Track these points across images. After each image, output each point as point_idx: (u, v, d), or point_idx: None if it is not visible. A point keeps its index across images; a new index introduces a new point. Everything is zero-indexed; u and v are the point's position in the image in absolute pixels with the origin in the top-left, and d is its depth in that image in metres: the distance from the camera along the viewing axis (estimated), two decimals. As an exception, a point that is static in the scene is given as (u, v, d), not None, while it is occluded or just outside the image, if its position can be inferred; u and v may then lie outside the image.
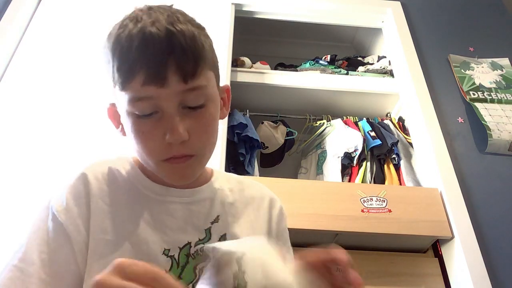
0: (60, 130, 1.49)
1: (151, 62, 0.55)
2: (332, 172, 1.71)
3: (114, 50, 0.58)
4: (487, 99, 1.73)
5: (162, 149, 0.58)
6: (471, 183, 1.51)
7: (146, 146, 0.59)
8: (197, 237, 0.65)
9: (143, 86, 0.56)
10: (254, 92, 1.91)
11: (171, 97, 0.57)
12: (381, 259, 1.39)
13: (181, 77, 0.56)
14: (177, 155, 0.59)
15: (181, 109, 0.58)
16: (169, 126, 0.57)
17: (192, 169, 0.62)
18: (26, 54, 1.67)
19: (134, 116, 0.58)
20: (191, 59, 0.57)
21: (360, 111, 2.01)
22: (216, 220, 0.68)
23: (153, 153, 0.59)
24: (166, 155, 0.59)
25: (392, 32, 1.97)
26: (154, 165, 0.61)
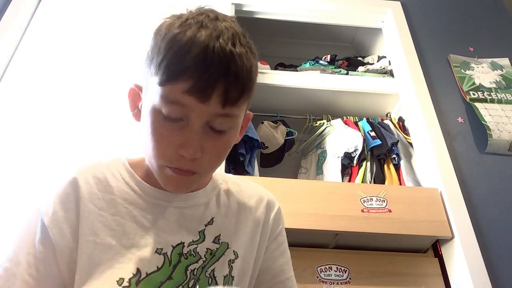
0: (59, 130, 1.49)
1: (203, 75, 0.54)
2: (332, 172, 1.71)
3: (170, 45, 0.56)
4: (487, 99, 1.73)
5: (172, 157, 0.58)
6: (471, 183, 1.51)
7: (159, 148, 0.59)
8: (191, 239, 0.65)
9: (184, 93, 0.55)
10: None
11: (204, 114, 0.57)
12: (381, 259, 1.39)
13: (222, 101, 0.56)
14: (183, 168, 0.59)
15: (206, 127, 0.58)
16: (188, 140, 0.57)
17: (190, 184, 0.63)
18: (26, 54, 1.67)
19: (159, 115, 0.58)
20: (240, 89, 0.57)
21: (360, 111, 2.01)
22: (210, 222, 0.68)
23: (162, 157, 0.59)
24: (173, 164, 0.59)
25: (392, 32, 1.97)
26: (157, 167, 0.61)
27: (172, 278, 0.61)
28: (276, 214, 0.76)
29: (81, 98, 1.57)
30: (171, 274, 0.61)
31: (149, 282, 0.59)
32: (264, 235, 0.73)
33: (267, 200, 0.76)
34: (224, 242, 0.67)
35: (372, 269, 1.36)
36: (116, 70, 1.65)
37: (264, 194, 0.77)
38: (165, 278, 0.60)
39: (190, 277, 0.62)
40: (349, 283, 1.32)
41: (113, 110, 1.53)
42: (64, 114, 1.53)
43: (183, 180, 0.61)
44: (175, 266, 0.61)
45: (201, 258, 0.64)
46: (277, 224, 0.75)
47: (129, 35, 1.74)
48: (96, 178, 0.65)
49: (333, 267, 1.34)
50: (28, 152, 1.43)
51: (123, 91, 0.71)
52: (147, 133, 0.60)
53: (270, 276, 0.71)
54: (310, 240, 1.37)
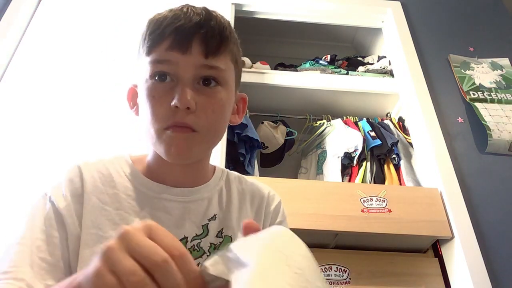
0: (60, 130, 1.49)
1: (180, 31, 0.61)
2: (332, 172, 1.71)
3: (149, 23, 0.64)
4: (487, 99, 1.73)
5: (167, 114, 0.60)
6: (471, 183, 1.51)
7: (153, 110, 0.61)
8: (194, 233, 0.65)
9: (167, 51, 0.61)
10: (254, 92, 1.90)
11: (189, 66, 0.61)
12: (381, 259, 1.39)
13: (203, 51, 0.61)
14: (179, 121, 0.60)
15: (196, 84, 0.61)
16: (179, 92, 0.59)
17: (191, 145, 0.61)
18: (26, 54, 1.67)
19: (151, 81, 0.62)
20: (217, 39, 0.62)
21: (360, 111, 2.00)
22: (213, 218, 0.68)
23: (158, 118, 0.60)
24: (169, 121, 0.60)
25: (392, 32, 1.97)
26: (156, 134, 0.61)
27: None
28: (276, 206, 0.76)
29: (81, 98, 1.57)
30: None
31: None
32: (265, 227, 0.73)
33: (268, 194, 0.77)
34: (228, 236, 0.67)
35: (372, 269, 1.36)
36: (116, 70, 1.65)
37: (264, 190, 0.78)
38: None
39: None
40: (349, 283, 1.32)
41: (113, 110, 1.53)
42: (64, 114, 1.53)
43: (183, 140, 0.60)
44: None
45: (205, 253, 0.64)
46: (276, 216, 0.76)
47: (129, 35, 1.74)
48: (100, 173, 0.66)
49: (333, 267, 1.34)
50: (28, 152, 1.43)
51: (123, 91, 0.72)
52: (144, 103, 0.63)
53: None
54: (310, 240, 1.36)
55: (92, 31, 1.76)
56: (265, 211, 0.74)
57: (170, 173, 0.68)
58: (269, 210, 0.75)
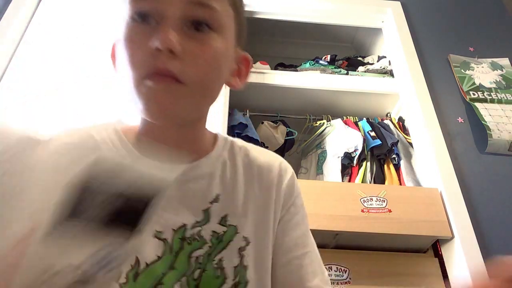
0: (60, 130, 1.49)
1: None
2: (332, 172, 1.71)
3: None
4: (487, 99, 1.73)
5: (147, 59, 0.49)
6: (471, 183, 1.51)
7: (130, 55, 0.50)
8: (194, 219, 0.56)
9: None
10: (254, 92, 1.91)
11: (176, 3, 0.50)
12: (381, 259, 1.39)
13: None
14: (160, 68, 0.49)
15: (185, 27, 0.51)
16: (161, 31, 0.49)
17: (175, 100, 0.51)
18: (26, 54, 1.67)
19: (129, 22, 0.51)
20: None
21: (360, 111, 2.01)
22: (216, 199, 0.58)
23: (136, 64, 0.50)
24: (148, 67, 0.49)
25: (392, 32, 1.97)
26: (134, 86, 0.50)
27: (174, 267, 0.52)
28: (289, 181, 0.65)
29: (81, 98, 1.57)
30: (173, 263, 0.53)
31: (149, 274, 0.51)
32: (277, 208, 0.63)
33: (279, 165, 0.66)
34: (232, 226, 0.57)
35: (372, 269, 1.36)
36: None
37: (275, 161, 0.67)
38: (166, 268, 0.52)
39: (194, 265, 0.53)
40: (349, 283, 1.32)
41: (113, 109, 1.53)
42: (64, 114, 1.53)
43: (165, 92, 0.50)
44: (177, 253, 0.53)
45: (207, 243, 0.55)
46: (290, 192, 0.65)
47: None
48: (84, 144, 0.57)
49: (333, 267, 1.34)
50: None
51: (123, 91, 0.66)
52: (121, 50, 0.52)
53: (282, 252, 0.61)
54: (310, 240, 1.37)
55: (92, 31, 1.76)
56: (276, 189, 0.63)
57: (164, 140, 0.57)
58: (281, 188, 0.64)
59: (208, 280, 0.53)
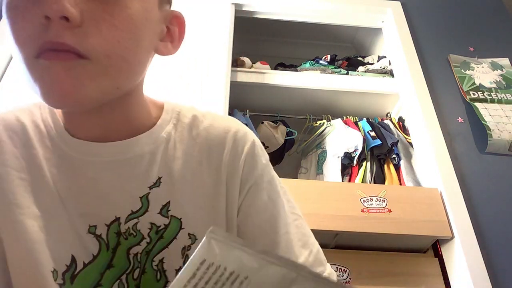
0: None
1: None
2: (332, 172, 1.71)
3: None
4: (487, 99, 1.73)
5: (36, 32, 0.38)
6: (471, 183, 1.51)
7: (16, 29, 0.39)
8: (129, 209, 0.48)
9: None
10: (254, 92, 1.91)
11: None
12: (381, 259, 1.39)
13: None
14: (53, 41, 0.38)
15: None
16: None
17: (79, 80, 0.40)
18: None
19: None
20: None
21: (360, 111, 2.01)
22: (157, 183, 0.49)
23: (23, 39, 0.39)
24: (38, 41, 0.38)
25: (392, 32, 1.97)
26: (27, 68, 0.40)
27: (113, 265, 0.47)
28: (247, 155, 0.53)
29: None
30: (111, 260, 0.47)
31: (86, 276, 0.46)
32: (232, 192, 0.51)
33: (234, 135, 0.53)
34: (175, 218, 0.49)
35: (372, 269, 1.36)
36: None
37: (229, 127, 0.54)
38: (104, 267, 0.47)
39: (134, 263, 0.47)
40: (349, 283, 1.32)
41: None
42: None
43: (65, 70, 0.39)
44: (115, 250, 0.47)
45: (144, 238, 0.48)
46: (249, 169, 0.53)
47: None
48: (11, 130, 0.49)
49: (333, 267, 1.34)
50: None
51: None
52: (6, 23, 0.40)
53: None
54: (310, 240, 1.37)
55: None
56: (228, 169, 0.51)
57: (85, 128, 0.49)
58: (236, 165, 0.52)
59: (148, 282, 0.47)
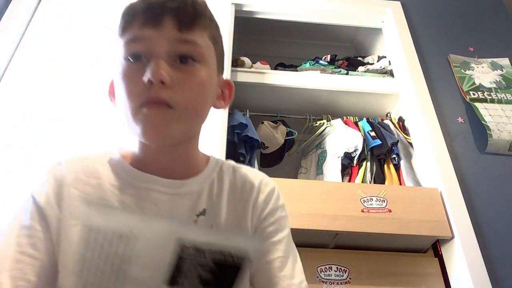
0: (59, 130, 1.49)
1: (151, 7, 0.59)
2: (332, 172, 1.71)
3: (124, 7, 0.63)
4: (487, 99, 1.73)
5: (141, 91, 0.57)
6: (471, 183, 1.51)
7: (127, 90, 0.59)
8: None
9: (140, 28, 0.59)
10: (254, 92, 1.91)
11: (163, 42, 0.58)
12: (381, 259, 1.39)
13: (176, 24, 0.59)
14: (154, 97, 0.57)
15: (172, 61, 0.59)
16: (152, 66, 0.57)
17: (167, 123, 0.58)
18: (26, 54, 1.67)
19: (125, 62, 0.60)
20: (190, 12, 0.60)
21: (360, 111, 2.00)
22: (203, 213, 0.64)
23: (132, 97, 0.58)
24: (143, 97, 0.57)
25: (392, 32, 1.97)
26: (131, 115, 0.58)
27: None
28: (267, 195, 0.71)
29: (81, 98, 1.57)
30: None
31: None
32: (254, 216, 0.69)
33: (260, 181, 0.72)
34: None
35: (372, 269, 1.36)
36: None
37: (256, 178, 0.73)
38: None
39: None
40: (349, 283, 1.32)
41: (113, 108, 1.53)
42: (64, 114, 1.53)
43: (159, 116, 0.57)
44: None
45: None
46: (266, 204, 0.70)
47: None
48: (84, 165, 0.65)
49: (333, 267, 1.34)
50: (27, 152, 1.43)
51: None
52: (118, 86, 0.60)
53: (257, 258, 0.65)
54: (310, 240, 1.37)
55: (92, 30, 1.76)
56: (253, 204, 0.69)
57: (157, 162, 0.65)
58: (258, 202, 0.70)
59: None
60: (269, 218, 0.70)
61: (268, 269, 0.65)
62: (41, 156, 1.42)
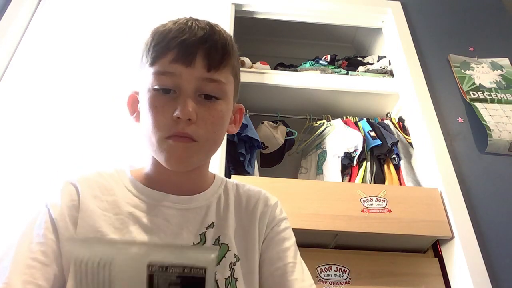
0: (60, 130, 1.49)
1: (185, 45, 0.63)
2: (332, 172, 1.71)
3: (154, 34, 0.66)
4: (487, 99, 1.73)
5: (169, 124, 0.62)
6: (471, 183, 1.51)
7: (155, 120, 0.63)
8: (192, 242, 0.66)
9: (171, 63, 0.63)
10: (254, 92, 1.91)
11: (192, 79, 0.63)
12: (381, 259, 1.39)
13: (206, 64, 0.63)
14: (181, 132, 0.62)
15: (197, 96, 0.63)
16: (181, 104, 0.61)
17: (190, 154, 0.64)
18: (26, 54, 1.67)
19: (154, 92, 0.64)
20: (220, 54, 0.65)
21: (360, 111, 2.00)
22: (211, 225, 0.69)
23: (160, 127, 0.63)
24: (170, 131, 0.62)
25: (392, 32, 1.97)
26: (157, 143, 0.63)
27: None
28: (272, 208, 0.77)
29: (82, 98, 1.57)
30: None
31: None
32: (261, 228, 0.74)
33: (263, 197, 0.78)
34: (224, 244, 0.68)
35: (372, 269, 1.36)
36: (116, 69, 1.65)
37: (261, 192, 0.79)
38: None
39: None
40: (349, 283, 1.32)
41: (113, 108, 1.53)
42: (64, 114, 1.53)
43: (183, 149, 0.63)
44: None
45: None
46: (272, 216, 0.76)
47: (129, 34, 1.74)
48: (98, 182, 0.68)
49: (333, 267, 1.34)
50: (28, 152, 1.43)
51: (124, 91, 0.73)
52: (146, 112, 0.64)
53: (267, 264, 0.71)
54: (310, 240, 1.37)
55: (92, 30, 1.76)
56: (260, 216, 0.75)
57: (168, 180, 0.70)
58: (264, 214, 0.75)
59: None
60: (276, 228, 0.75)
61: (280, 274, 0.69)
62: (41, 156, 1.42)
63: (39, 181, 1.35)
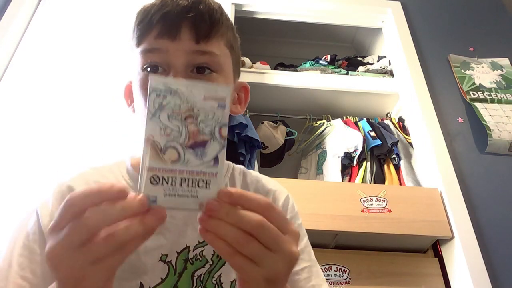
0: (60, 130, 1.49)
1: (168, 17, 0.58)
2: (332, 172, 1.71)
3: (137, 14, 0.63)
4: (487, 99, 1.73)
5: None
6: (471, 183, 1.51)
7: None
8: (197, 240, 0.62)
9: (156, 39, 0.59)
10: (254, 92, 1.88)
11: (181, 53, 0.58)
12: (381, 259, 1.39)
13: (193, 36, 0.58)
14: None
15: (189, 72, 0.59)
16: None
17: None
18: (26, 54, 1.67)
19: (143, 74, 0.60)
20: (207, 23, 0.59)
21: (360, 111, 2.01)
22: None
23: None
24: None
25: (392, 32, 1.97)
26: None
27: (177, 287, 0.58)
28: (284, 202, 0.71)
29: (82, 98, 1.57)
30: (176, 283, 0.59)
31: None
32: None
33: (273, 188, 0.72)
34: None
35: (372, 269, 1.36)
36: (116, 69, 1.65)
37: (269, 184, 0.73)
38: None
39: (196, 283, 0.59)
40: (349, 283, 1.32)
41: (113, 108, 1.53)
42: (64, 114, 1.53)
43: None
44: (181, 274, 0.59)
45: (208, 261, 0.61)
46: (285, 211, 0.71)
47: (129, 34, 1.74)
48: (94, 178, 0.64)
49: (333, 267, 1.34)
50: (27, 152, 1.43)
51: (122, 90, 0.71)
52: (137, 96, 0.61)
53: None
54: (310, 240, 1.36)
55: (92, 30, 1.76)
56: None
57: None
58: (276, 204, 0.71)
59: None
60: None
61: (296, 281, 0.65)
62: (41, 156, 1.42)
63: (39, 181, 1.35)
